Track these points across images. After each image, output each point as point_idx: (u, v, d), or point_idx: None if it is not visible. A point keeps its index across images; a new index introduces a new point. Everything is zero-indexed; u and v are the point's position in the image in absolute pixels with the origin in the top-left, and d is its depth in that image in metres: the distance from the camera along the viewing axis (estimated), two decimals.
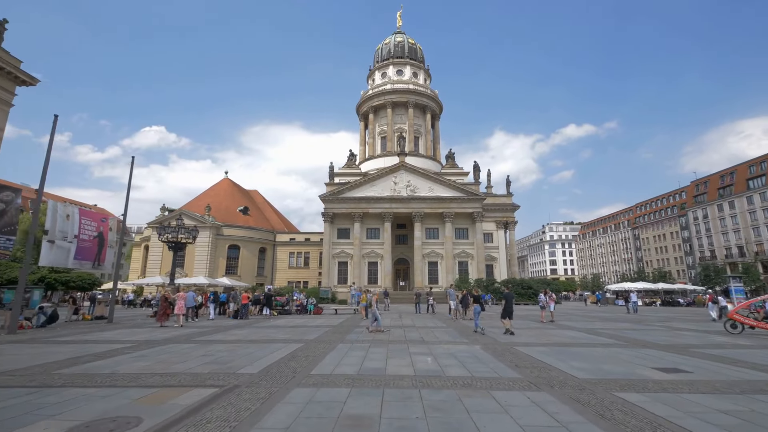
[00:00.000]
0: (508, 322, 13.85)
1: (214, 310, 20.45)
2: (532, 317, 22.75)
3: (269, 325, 17.29)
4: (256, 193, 78.11)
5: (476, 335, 13.49)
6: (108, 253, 18.83)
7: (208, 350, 10.12)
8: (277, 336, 13.11)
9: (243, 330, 15.16)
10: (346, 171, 59.15)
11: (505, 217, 61.09)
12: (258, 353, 9.50)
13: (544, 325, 17.96)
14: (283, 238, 63.58)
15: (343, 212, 53.05)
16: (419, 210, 52.33)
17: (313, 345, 10.88)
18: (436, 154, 68.04)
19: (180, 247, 24.71)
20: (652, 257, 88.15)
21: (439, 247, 52.81)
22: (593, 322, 19.71)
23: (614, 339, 12.90)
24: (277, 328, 16.23)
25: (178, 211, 56.51)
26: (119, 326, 17.21)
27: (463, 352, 9.78)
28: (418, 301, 26.48)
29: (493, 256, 57.85)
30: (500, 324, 15.08)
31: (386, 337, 12.94)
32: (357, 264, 51.65)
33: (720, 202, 69.88)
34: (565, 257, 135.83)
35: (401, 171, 54.18)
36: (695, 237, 75.67)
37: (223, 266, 55.97)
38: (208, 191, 66.15)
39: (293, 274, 61.70)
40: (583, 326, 17.40)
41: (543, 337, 13.46)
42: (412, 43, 73.19)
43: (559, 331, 15.18)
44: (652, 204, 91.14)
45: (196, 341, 11.91)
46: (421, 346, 10.85)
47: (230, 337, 13.05)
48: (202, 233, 55.41)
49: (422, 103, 66.15)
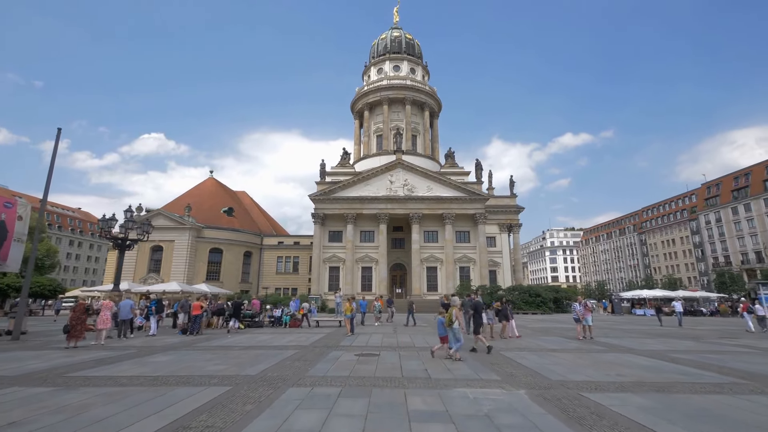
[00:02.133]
0: (479, 338, 11.70)
1: (156, 322, 15.98)
2: (559, 331, 18.47)
3: (217, 346, 12.89)
4: (244, 194, 73.72)
5: (507, 366, 9.21)
6: (14, 248, 14.37)
7: (46, 406, 5.77)
8: (205, 368, 8.70)
9: (169, 355, 10.73)
10: (339, 170, 54.95)
11: (509, 219, 57.07)
12: (120, 418, 5.15)
13: (585, 343, 13.70)
14: (270, 242, 59.07)
15: (335, 213, 48.81)
16: (417, 211, 48.18)
17: (244, 392, 6.51)
18: (434, 154, 64.08)
19: (128, 245, 20.29)
20: (660, 263, 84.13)
21: (438, 251, 48.57)
22: (641, 339, 15.46)
23: (715, 371, 8.63)
24: (222, 350, 11.82)
25: (156, 211, 52.04)
26: (13, 347, 12.75)
27: (504, 412, 5.49)
28: (411, 310, 22.17)
29: (496, 261, 53.68)
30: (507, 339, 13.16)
31: (372, 369, 8.61)
32: (350, 269, 47.28)
33: (734, 204, 66.18)
34: (566, 264, 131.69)
35: (398, 169, 50.15)
36: (707, 242, 71.81)
37: (204, 271, 51.32)
38: (191, 191, 61.74)
39: (281, 281, 57.08)
40: (638, 346, 13.14)
41: (600, 366, 9.19)
42: (410, 38, 69.68)
43: (613, 356, 10.91)
44: (659, 208, 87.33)
45: (59, 382, 7.50)
46: (427, 392, 6.53)
47: (132, 370, 8.59)
48: (180, 235, 51.00)
49: (420, 100, 62.33)
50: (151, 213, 51.87)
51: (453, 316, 9.86)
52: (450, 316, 9.92)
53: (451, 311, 9.99)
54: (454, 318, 9.87)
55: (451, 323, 9.86)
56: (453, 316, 9.86)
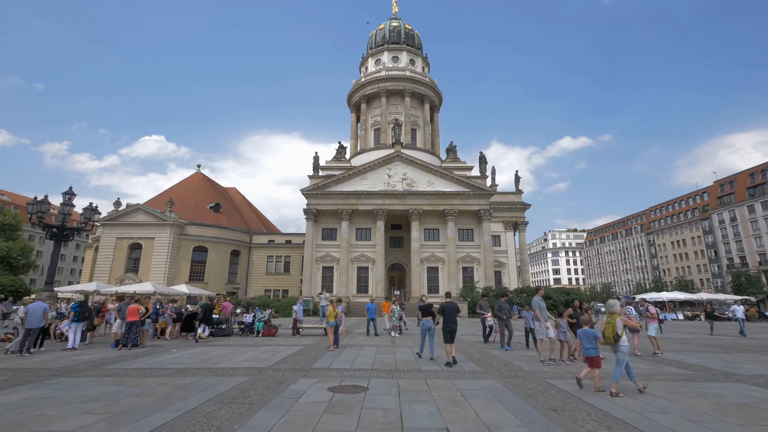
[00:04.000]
0: (450, 348, 9.47)
1: (77, 330, 12.20)
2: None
3: (135, 369, 9.10)
4: (234, 190, 69.84)
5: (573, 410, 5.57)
6: None
7: None
8: (49, 426, 5.02)
9: (37, 389, 6.98)
10: (334, 164, 51.31)
11: (514, 217, 53.53)
12: None
13: (656, 363, 10.04)
14: (260, 240, 55.23)
15: (329, 209, 45.12)
16: (417, 207, 44.53)
17: None
18: (435, 149, 60.45)
19: (66, 235, 16.56)
20: (670, 265, 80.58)
21: (440, 251, 44.91)
22: (717, 355, 11.81)
23: None
24: (133, 378, 8.06)
25: (135, 206, 48.26)
26: None
27: None
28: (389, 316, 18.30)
29: (501, 261, 50.10)
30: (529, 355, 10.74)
31: (349, 427, 4.94)
32: (344, 269, 43.57)
33: (751, 202, 62.74)
34: (569, 266, 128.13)
35: (396, 162, 46.53)
36: (721, 242, 68.32)
37: (187, 271, 47.46)
38: (177, 186, 57.92)
39: (271, 281, 53.28)
40: (728, 368, 9.49)
41: (730, 413, 5.56)
42: (409, 28, 66.20)
43: (720, 387, 7.27)
44: (668, 207, 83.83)
45: None
46: None
47: None
48: (161, 232, 47.18)
49: (420, 92, 58.70)
50: (131, 208, 48.13)
51: (618, 327, 6.23)
52: (613, 328, 6.26)
53: (613, 320, 6.31)
54: (620, 330, 6.26)
55: (617, 338, 6.24)
56: (618, 327, 6.23)
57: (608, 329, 6.31)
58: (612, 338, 6.26)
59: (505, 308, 11.61)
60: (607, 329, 6.32)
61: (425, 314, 10.71)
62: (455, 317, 9.73)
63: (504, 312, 10.65)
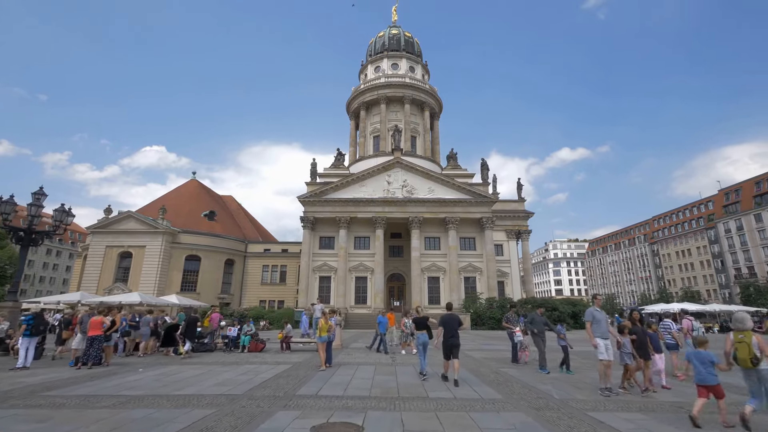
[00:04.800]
0: (449, 365, 8.70)
1: (29, 347, 10.52)
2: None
3: (79, 396, 7.46)
4: (230, 198, 68.42)
5: None
6: None
7: None
8: None
9: None
10: (332, 171, 50.05)
11: (517, 225, 52.13)
12: None
13: None
14: (255, 249, 53.52)
15: (327, 217, 43.62)
16: (417, 214, 43.07)
17: None
18: (435, 156, 59.29)
19: (34, 239, 15.04)
20: (675, 275, 78.84)
21: (441, 260, 43.32)
22: None
23: None
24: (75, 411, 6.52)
25: (126, 213, 46.75)
26: None
27: None
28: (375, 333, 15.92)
29: (503, 270, 48.48)
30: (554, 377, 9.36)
31: None
32: (342, 279, 41.87)
33: (758, 211, 61.42)
34: (571, 276, 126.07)
35: (396, 168, 45.24)
36: (728, 252, 66.79)
37: (179, 281, 45.67)
38: (171, 193, 56.50)
39: (267, 292, 51.40)
40: None
41: None
42: (409, 36, 65.80)
43: None
44: (672, 216, 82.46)
45: None
46: None
47: None
48: (152, 240, 45.55)
49: (420, 99, 57.82)
50: (121, 215, 46.60)
51: (754, 346, 4.91)
52: (749, 348, 4.89)
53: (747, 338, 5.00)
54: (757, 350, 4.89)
55: (756, 361, 4.81)
56: (754, 346, 4.91)
57: (742, 350, 4.89)
58: (750, 361, 4.82)
59: (540, 322, 9.97)
60: (741, 350, 4.89)
61: (420, 328, 9.79)
62: (456, 330, 8.92)
63: (537, 326, 9.06)
